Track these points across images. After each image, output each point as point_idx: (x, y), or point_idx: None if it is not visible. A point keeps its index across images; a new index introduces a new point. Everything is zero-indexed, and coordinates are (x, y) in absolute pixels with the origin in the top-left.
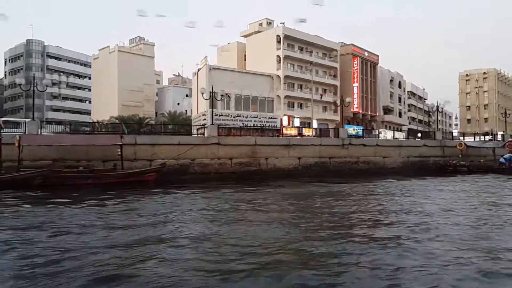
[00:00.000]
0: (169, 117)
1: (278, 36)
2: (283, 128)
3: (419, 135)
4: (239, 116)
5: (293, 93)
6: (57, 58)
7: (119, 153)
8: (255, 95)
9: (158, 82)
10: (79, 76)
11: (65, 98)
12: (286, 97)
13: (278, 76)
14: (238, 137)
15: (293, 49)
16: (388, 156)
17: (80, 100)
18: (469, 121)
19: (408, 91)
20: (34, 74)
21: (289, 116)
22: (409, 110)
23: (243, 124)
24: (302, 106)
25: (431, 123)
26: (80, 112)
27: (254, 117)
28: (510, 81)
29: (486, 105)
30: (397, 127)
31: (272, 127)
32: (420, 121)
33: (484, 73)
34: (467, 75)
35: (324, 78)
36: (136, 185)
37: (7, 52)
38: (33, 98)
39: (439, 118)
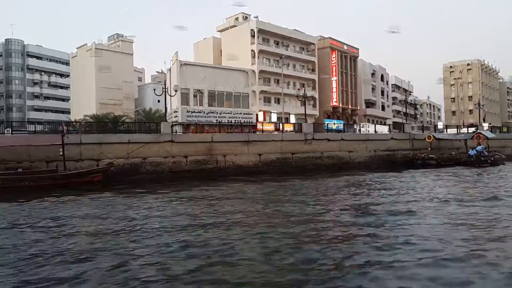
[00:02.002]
0: (144, 115)
1: (252, 30)
2: (259, 124)
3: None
4: (212, 112)
5: (269, 88)
6: (38, 57)
7: (61, 153)
8: (230, 90)
9: (140, 79)
10: (61, 75)
11: (47, 97)
12: (262, 92)
13: (253, 71)
14: (193, 134)
15: (268, 44)
16: (354, 151)
17: (63, 100)
18: (454, 113)
19: (392, 84)
20: None
21: (264, 112)
22: (393, 103)
23: (216, 120)
24: (280, 101)
25: (417, 116)
26: (62, 111)
27: (228, 113)
28: (494, 72)
29: (471, 96)
30: (381, 121)
31: (247, 123)
32: (405, 114)
33: (468, 64)
34: (451, 66)
35: (302, 73)
36: (80, 186)
37: None
38: None
39: (427, 110)
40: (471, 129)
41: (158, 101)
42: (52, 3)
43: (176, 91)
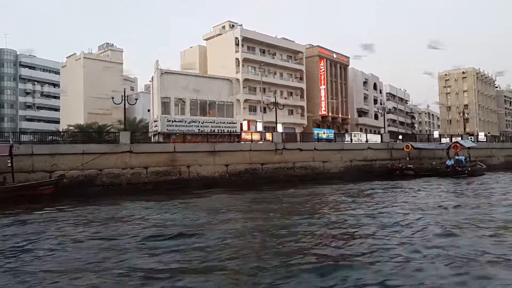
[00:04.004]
0: (127, 124)
1: (236, 38)
2: (243, 133)
3: (400, 137)
4: (194, 121)
5: (254, 96)
6: (31, 67)
7: (9, 165)
8: (213, 99)
9: (132, 89)
10: (54, 85)
11: (40, 107)
12: (247, 101)
13: (238, 80)
14: (153, 144)
15: (253, 52)
16: (329, 161)
17: (56, 109)
18: (450, 121)
19: (387, 93)
20: None
21: (249, 121)
22: (388, 112)
23: (198, 130)
24: (266, 110)
25: (414, 125)
26: (55, 121)
27: (211, 122)
28: (491, 80)
29: (466, 105)
30: (374, 130)
31: (231, 132)
32: (401, 123)
33: (463, 72)
34: (446, 75)
35: (289, 81)
36: (28, 200)
37: None
38: None
39: (426, 119)
40: (457, 138)
41: (148, 110)
42: (48, 12)
43: (136, 99)
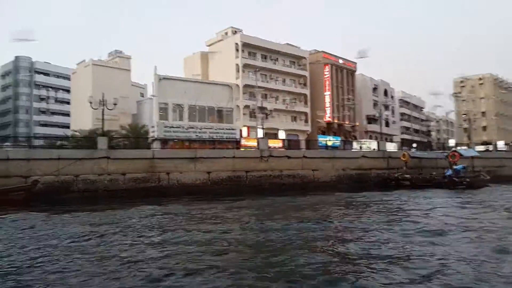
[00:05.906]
0: (130, 130)
1: (236, 44)
2: (243, 140)
3: (414, 145)
4: (192, 127)
5: (255, 102)
6: (45, 73)
7: None
8: (212, 105)
9: (142, 95)
10: (68, 91)
11: (54, 113)
12: (246, 107)
13: (238, 86)
14: (131, 150)
15: (254, 58)
16: (319, 169)
17: (69, 115)
18: (466, 130)
19: (399, 100)
20: None
21: (248, 127)
22: (401, 119)
23: (196, 136)
24: (268, 116)
25: (431, 132)
26: (68, 126)
27: (209, 128)
28: (509, 86)
29: (484, 112)
30: (386, 138)
31: (230, 139)
32: (416, 131)
33: (480, 78)
34: (461, 81)
35: (292, 87)
36: None
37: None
38: None
39: (444, 127)
40: (464, 147)
41: None
42: (69, 20)
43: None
